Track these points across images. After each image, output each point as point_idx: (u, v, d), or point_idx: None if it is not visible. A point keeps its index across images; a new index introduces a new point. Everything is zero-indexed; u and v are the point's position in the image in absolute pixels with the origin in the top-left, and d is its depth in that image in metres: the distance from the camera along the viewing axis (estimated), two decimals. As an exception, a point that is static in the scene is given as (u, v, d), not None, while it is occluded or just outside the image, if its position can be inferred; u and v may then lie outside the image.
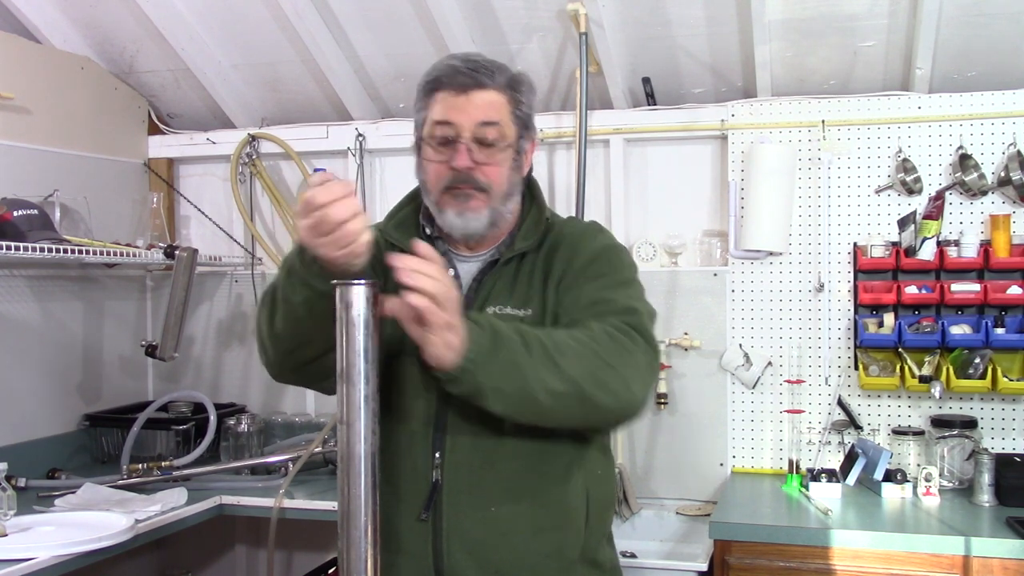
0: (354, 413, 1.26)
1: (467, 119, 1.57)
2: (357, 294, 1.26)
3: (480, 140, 1.57)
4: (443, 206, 1.61)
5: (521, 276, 1.65)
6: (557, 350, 1.44)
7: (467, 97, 1.58)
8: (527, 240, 1.66)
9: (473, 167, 1.58)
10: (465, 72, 1.58)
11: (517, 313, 1.61)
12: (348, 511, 1.26)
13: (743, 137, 2.99)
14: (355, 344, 1.26)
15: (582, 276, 1.63)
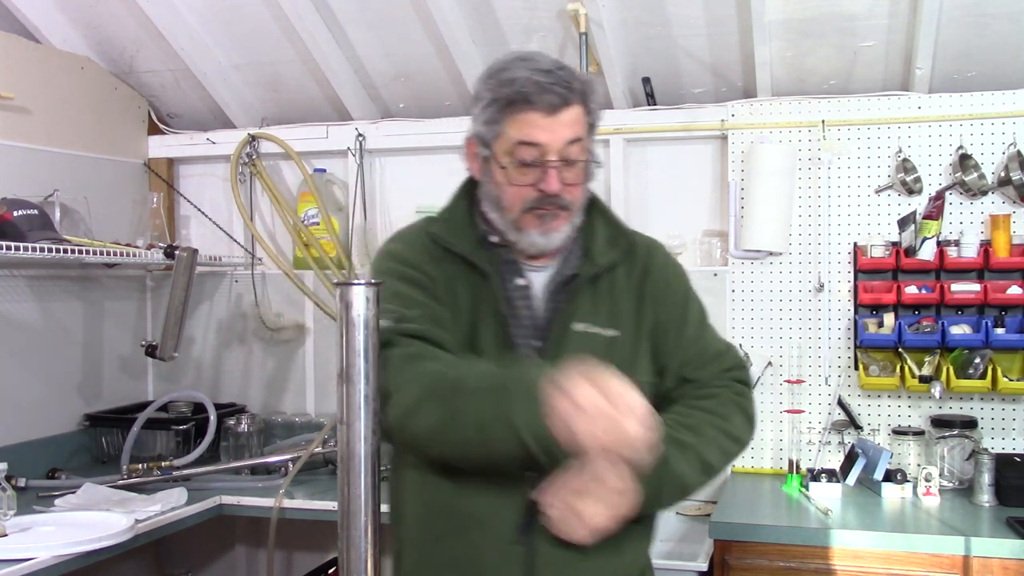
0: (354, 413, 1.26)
1: (556, 140, 1.51)
2: (357, 294, 1.26)
3: (566, 159, 1.52)
4: (525, 226, 1.55)
5: (603, 293, 1.61)
6: (706, 450, 1.54)
7: (555, 117, 1.50)
8: (608, 256, 1.62)
9: (562, 189, 1.53)
10: (551, 90, 1.49)
11: (604, 332, 1.58)
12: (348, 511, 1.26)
13: (743, 137, 2.99)
14: (355, 344, 1.26)
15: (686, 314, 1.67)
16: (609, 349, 1.58)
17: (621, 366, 1.51)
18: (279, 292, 3.48)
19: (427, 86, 3.25)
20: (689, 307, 1.69)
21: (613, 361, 1.51)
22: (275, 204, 3.43)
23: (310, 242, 3.33)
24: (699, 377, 1.65)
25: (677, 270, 1.73)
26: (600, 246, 1.63)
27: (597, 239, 1.64)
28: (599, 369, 1.35)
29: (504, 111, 1.53)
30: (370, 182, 3.39)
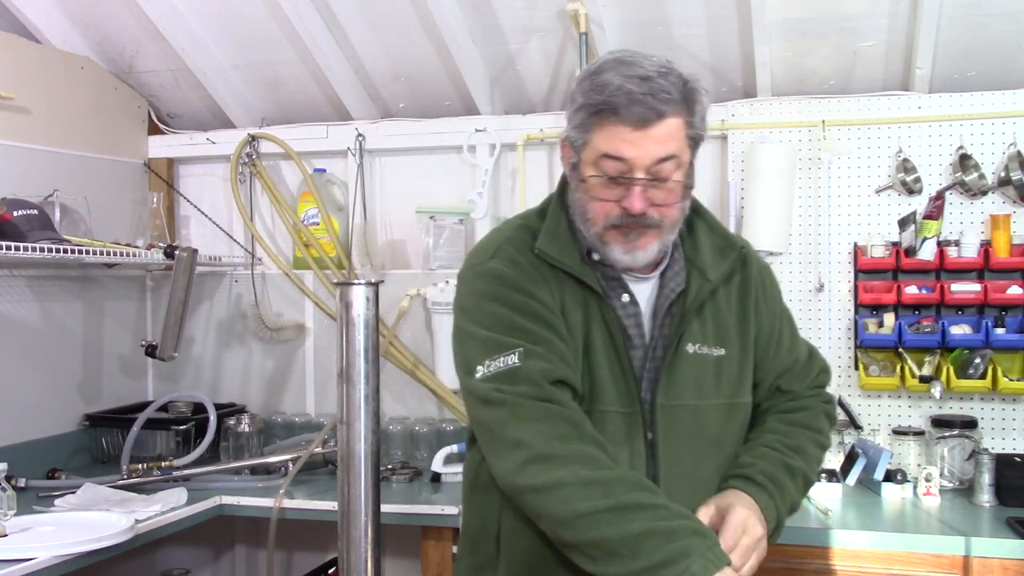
0: (354, 413, 1.26)
1: (644, 156, 1.41)
2: (357, 294, 1.27)
3: (655, 176, 1.42)
4: (609, 241, 1.47)
5: (706, 311, 1.56)
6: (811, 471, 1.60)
7: (645, 132, 1.39)
8: (718, 270, 1.56)
9: (647, 208, 1.44)
10: (643, 101, 1.38)
11: (713, 353, 1.55)
12: (348, 511, 1.27)
13: (743, 137, 2.99)
14: (355, 344, 1.26)
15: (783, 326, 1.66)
16: (719, 369, 1.56)
17: (729, 386, 1.57)
18: (279, 292, 3.48)
19: (427, 86, 3.25)
20: (784, 316, 1.69)
21: (723, 381, 1.55)
22: (275, 204, 3.43)
23: (310, 242, 3.33)
24: (793, 388, 1.67)
25: (771, 276, 1.70)
26: (708, 259, 1.56)
27: (703, 251, 1.56)
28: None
29: (592, 119, 1.43)
30: (370, 182, 3.39)
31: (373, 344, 1.27)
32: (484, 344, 1.46)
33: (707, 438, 1.55)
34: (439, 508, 2.57)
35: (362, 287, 1.27)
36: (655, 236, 1.47)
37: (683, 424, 1.52)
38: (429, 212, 3.20)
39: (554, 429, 1.39)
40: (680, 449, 1.51)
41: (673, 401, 1.51)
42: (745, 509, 1.46)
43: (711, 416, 1.55)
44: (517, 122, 3.19)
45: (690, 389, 1.52)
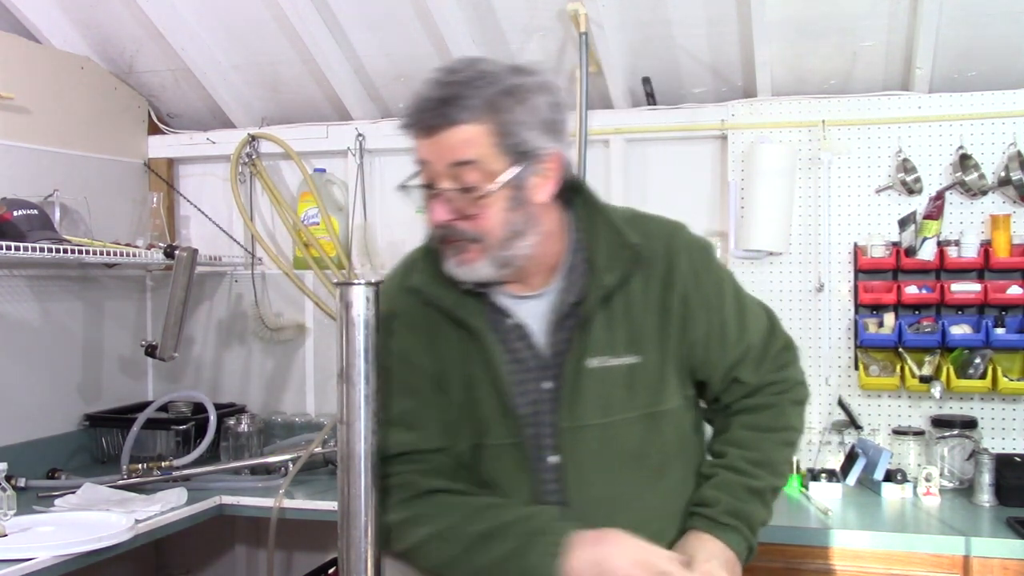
0: (354, 413, 1.26)
1: (436, 161, 1.36)
2: (357, 294, 1.26)
3: (459, 183, 1.36)
4: (445, 255, 1.43)
5: (617, 316, 1.46)
6: (780, 477, 1.56)
7: (435, 138, 1.35)
8: (613, 272, 1.45)
9: (454, 219, 1.38)
10: (432, 108, 1.34)
11: (624, 362, 1.46)
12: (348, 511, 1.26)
13: (743, 137, 2.99)
14: (355, 344, 1.26)
15: (724, 313, 1.53)
16: (631, 379, 1.47)
17: (647, 395, 1.47)
18: (279, 292, 3.48)
19: (427, 86, 3.25)
20: (724, 303, 1.55)
21: (638, 391, 1.47)
22: (275, 204, 3.43)
23: (310, 242, 3.33)
24: (750, 380, 1.57)
25: (705, 260, 1.55)
26: (604, 260, 1.46)
27: (600, 252, 1.47)
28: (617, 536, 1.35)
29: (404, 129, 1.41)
30: (370, 182, 3.39)
31: (373, 344, 1.27)
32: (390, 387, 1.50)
33: (623, 456, 1.46)
34: (439, 508, 2.57)
35: (362, 287, 1.27)
36: (478, 252, 1.39)
37: (590, 445, 1.45)
38: (429, 212, 3.20)
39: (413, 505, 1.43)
40: (590, 471, 1.45)
41: (577, 423, 1.44)
42: (705, 562, 1.41)
43: (625, 432, 1.46)
44: (517, 122, 3.18)
45: (595, 407, 1.44)
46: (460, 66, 1.38)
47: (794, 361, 1.67)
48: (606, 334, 1.45)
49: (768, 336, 1.61)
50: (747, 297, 1.62)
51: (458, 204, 1.37)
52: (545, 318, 1.47)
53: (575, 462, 1.45)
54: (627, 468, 1.48)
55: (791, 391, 1.63)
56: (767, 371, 1.60)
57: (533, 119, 1.36)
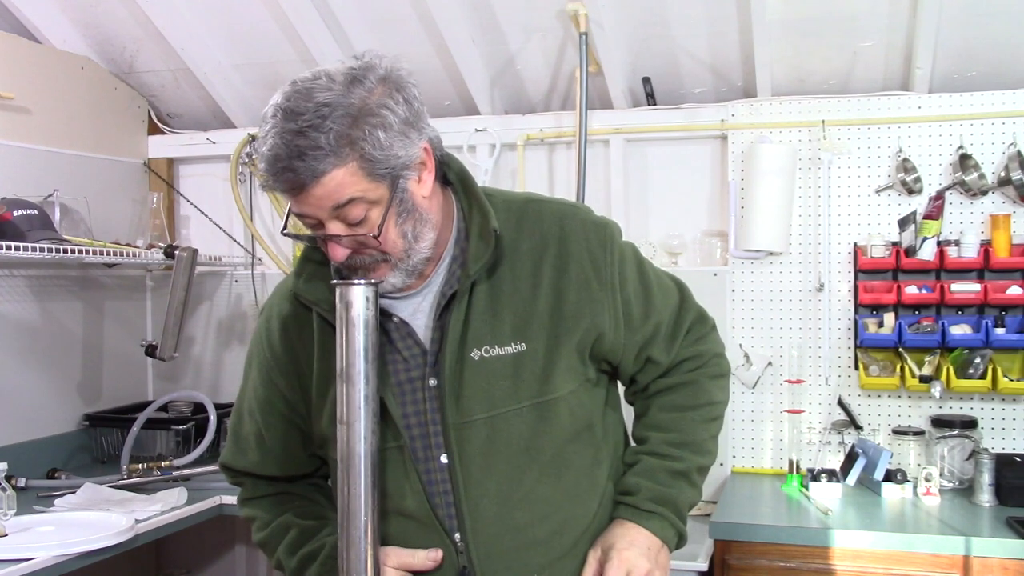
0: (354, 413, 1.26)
1: (318, 211, 1.29)
2: (357, 294, 1.26)
3: (346, 221, 1.30)
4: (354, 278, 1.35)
5: (502, 304, 1.41)
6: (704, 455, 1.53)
7: (306, 194, 1.27)
8: (480, 259, 1.39)
9: (355, 253, 1.33)
10: (290, 167, 1.24)
11: (509, 351, 1.40)
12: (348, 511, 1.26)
13: (743, 137, 2.99)
14: (355, 344, 1.25)
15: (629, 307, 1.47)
16: (518, 367, 1.40)
17: (535, 384, 1.41)
18: (279, 292, 3.48)
19: (427, 86, 3.25)
20: (627, 283, 1.48)
21: (525, 380, 1.40)
22: (275, 204, 3.43)
23: (310, 242, 3.33)
24: (661, 359, 1.51)
25: (602, 241, 1.47)
26: (473, 250, 1.40)
27: (472, 242, 1.40)
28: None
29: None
30: (370, 182, 3.38)
31: (373, 344, 1.27)
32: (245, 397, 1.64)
33: (513, 448, 1.40)
34: (439, 508, 2.57)
35: (362, 287, 1.27)
36: (387, 268, 1.35)
37: (477, 441, 1.39)
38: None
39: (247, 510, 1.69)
40: (480, 468, 1.39)
41: (463, 418, 1.39)
42: (625, 549, 1.40)
43: (513, 424, 1.40)
44: (517, 122, 3.19)
45: (480, 400, 1.38)
46: (296, 106, 1.26)
47: (709, 333, 1.59)
48: (488, 324, 1.40)
49: (678, 311, 1.54)
50: (653, 273, 1.56)
51: (350, 240, 1.32)
52: (429, 314, 1.42)
53: (464, 460, 1.39)
54: (519, 462, 1.41)
55: (707, 365, 1.56)
56: (681, 347, 1.53)
57: (392, 131, 1.30)
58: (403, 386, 1.42)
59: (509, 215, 1.45)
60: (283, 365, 1.49)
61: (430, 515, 1.40)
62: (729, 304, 3.01)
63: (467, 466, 1.39)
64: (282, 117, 1.26)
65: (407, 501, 1.41)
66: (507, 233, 1.43)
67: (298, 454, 1.56)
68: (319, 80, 1.31)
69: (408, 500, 1.41)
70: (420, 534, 1.41)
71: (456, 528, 1.40)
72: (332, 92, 1.29)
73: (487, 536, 1.40)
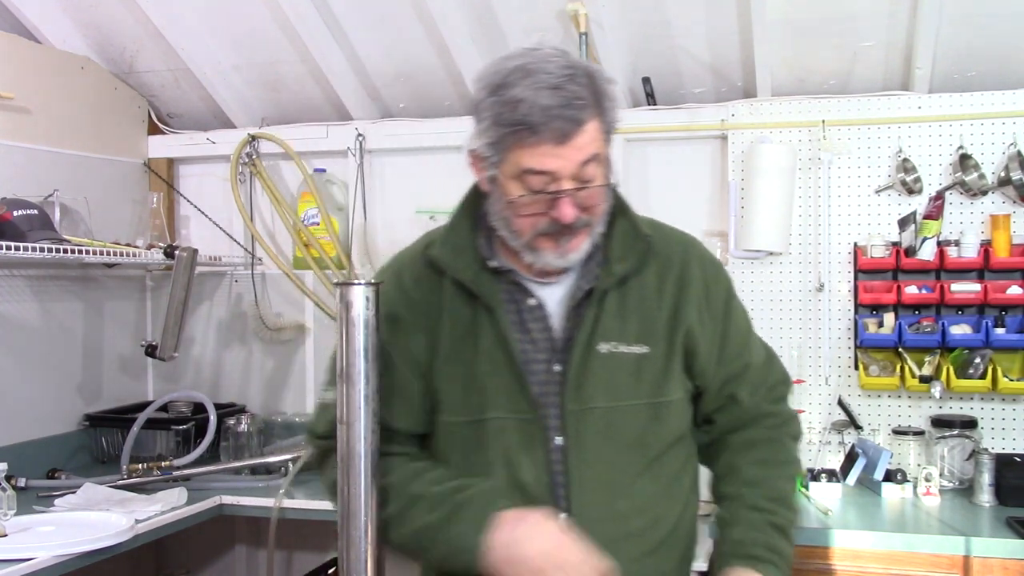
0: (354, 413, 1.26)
1: (569, 165, 1.36)
2: (357, 294, 1.26)
3: (581, 180, 1.39)
4: (539, 247, 1.44)
5: (630, 307, 1.50)
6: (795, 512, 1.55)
7: (568, 144, 1.35)
8: (626, 263, 1.50)
9: (578, 214, 1.41)
10: (562, 115, 1.33)
11: (633, 351, 1.49)
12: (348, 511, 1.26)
13: (743, 137, 2.99)
14: (355, 344, 1.26)
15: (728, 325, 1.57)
16: (639, 367, 1.50)
17: (652, 385, 1.51)
18: (279, 292, 3.48)
19: (427, 86, 3.25)
20: (731, 318, 1.59)
21: (645, 380, 1.50)
22: (275, 204, 3.43)
23: (310, 242, 3.33)
24: (743, 399, 1.58)
25: (717, 274, 1.60)
26: (618, 253, 1.51)
27: (616, 246, 1.51)
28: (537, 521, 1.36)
29: (508, 137, 1.37)
30: (370, 182, 3.39)
31: (373, 344, 1.27)
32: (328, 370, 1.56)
33: (625, 440, 1.49)
34: (439, 508, 2.57)
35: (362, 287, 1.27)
36: (585, 235, 1.46)
37: (594, 427, 1.47)
38: (429, 212, 3.20)
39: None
40: (593, 453, 1.47)
41: (583, 405, 1.47)
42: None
43: (629, 417, 1.49)
44: (517, 122, 3.18)
45: (602, 391, 1.48)
46: (544, 67, 1.36)
47: (789, 396, 1.69)
48: (617, 323, 1.49)
49: (767, 364, 1.64)
50: (750, 325, 1.66)
51: (580, 199, 1.40)
52: (562, 304, 1.51)
53: (578, 444, 1.47)
54: (628, 453, 1.50)
55: (788, 425, 1.64)
56: (764, 399, 1.61)
57: (613, 100, 1.43)
58: (528, 366, 1.49)
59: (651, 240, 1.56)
60: (416, 319, 1.52)
61: (545, 490, 1.46)
62: (729, 304, 3.00)
63: (581, 451, 1.46)
64: (532, 76, 1.35)
65: (525, 473, 1.46)
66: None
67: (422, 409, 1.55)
68: (539, 50, 1.41)
69: (526, 472, 1.46)
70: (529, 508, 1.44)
71: (563, 508, 1.46)
72: (564, 58, 1.39)
73: (590, 520, 1.45)
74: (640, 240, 1.53)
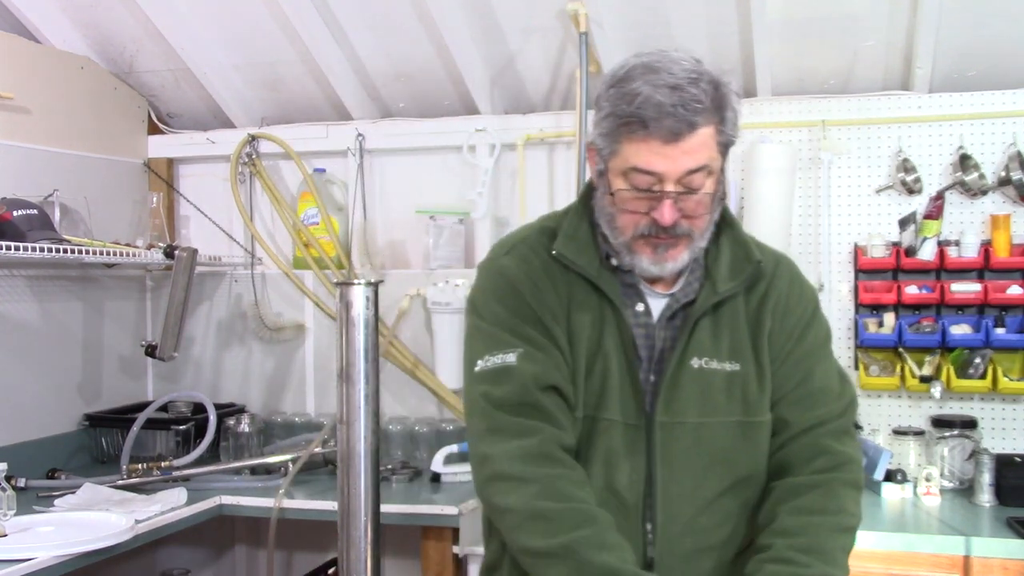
0: (354, 413, 1.26)
1: (675, 169, 1.36)
2: (357, 294, 1.26)
3: (686, 187, 1.38)
4: (637, 251, 1.44)
5: (723, 323, 1.50)
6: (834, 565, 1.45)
7: (676, 145, 1.35)
8: (732, 283, 1.49)
9: (678, 219, 1.40)
10: (673, 114, 1.33)
11: (724, 367, 1.48)
12: (348, 511, 1.27)
13: (743, 137, 2.98)
14: (355, 344, 1.26)
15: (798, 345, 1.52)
16: (731, 385, 1.48)
17: (744, 403, 1.49)
18: (279, 292, 3.48)
19: (427, 86, 3.25)
20: (806, 335, 1.54)
21: (736, 398, 1.48)
22: (275, 204, 3.43)
23: (310, 242, 3.33)
24: (793, 419, 1.51)
25: (802, 292, 1.57)
26: (724, 271, 1.50)
27: (721, 263, 1.51)
28: None
29: (620, 130, 1.37)
30: (370, 182, 3.39)
31: (373, 344, 1.27)
32: (486, 339, 1.49)
33: (712, 457, 1.47)
34: (439, 508, 2.56)
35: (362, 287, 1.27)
36: (685, 246, 1.44)
37: (682, 442, 1.46)
38: (429, 212, 3.20)
39: (522, 448, 1.40)
40: (679, 468, 1.46)
41: (673, 418, 1.46)
42: None
43: (718, 434, 1.48)
44: (517, 122, 3.19)
45: (692, 405, 1.47)
46: (668, 67, 1.36)
47: (852, 440, 1.56)
48: (711, 339, 1.48)
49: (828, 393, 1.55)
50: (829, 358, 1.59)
51: (681, 204, 1.39)
52: (662, 314, 1.51)
53: (666, 457, 1.46)
54: (715, 471, 1.48)
55: (843, 468, 1.50)
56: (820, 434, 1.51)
57: (736, 114, 1.42)
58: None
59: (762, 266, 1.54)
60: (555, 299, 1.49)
61: (639, 497, 1.45)
62: (729, 304, 3.00)
63: (668, 464, 1.45)
64: (651, 72, 1.35)
65: (621, 478, 1.45)
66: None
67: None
68: (671, 52, 1.40)
69: (622, 477, 1.45)
70: (619, 514, 1.44)
71: (648, 518, 1.46)
72: (693, 63, 1.38)
73: (673, 533, 1.45)
74: (750, 264, 1.51)
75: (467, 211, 3.17)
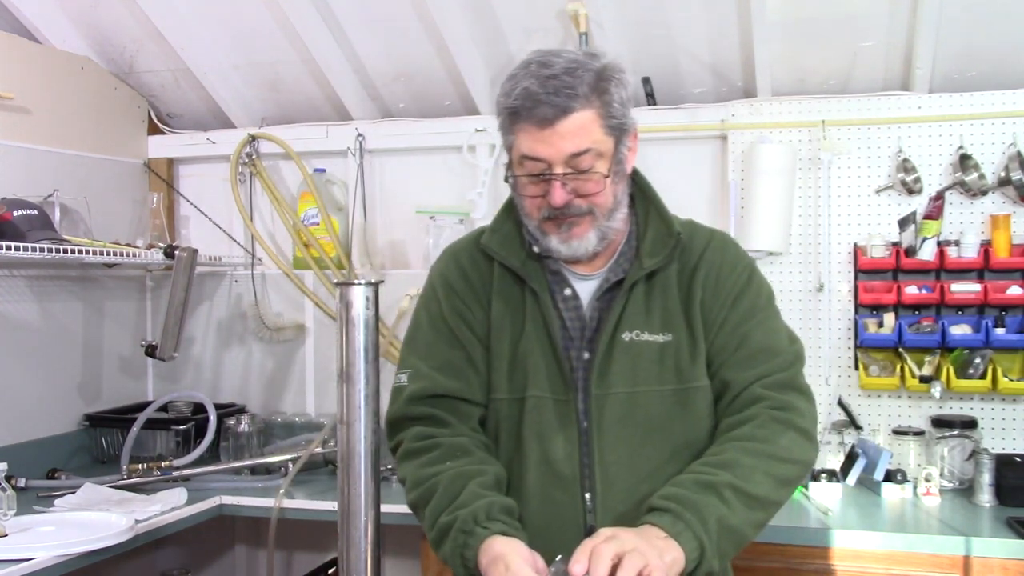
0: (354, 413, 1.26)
1: (556, 153, 1.46)
2: (357, 294, 1.26)
3: (575, 168, 1.47)
4: (546, 232, 1.54)
5: (654, 297, 1.57)
6: (747, 482, 1.43)
7: (552, 130, 1.44)
8: (655, 257, 1.57)
9: (571, 200, 1.49)
10: (545, 100, 1.43)
11: (656, 339, 1.55)
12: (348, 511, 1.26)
13: (743, 137, 2.99)
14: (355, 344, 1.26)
15: (732, 311, 1.57)
16: (663, 355, 1.55)
17: (677, 372, 1.55)
18: (279, 292, 3.48)
19: (427, 86, 3.25)
20: (740, 301, 1.59)
21: (669, 367, 1.55)
22: (275, 204, 3.43)
23: (310, 242, 3.33)
24: (733, 379, 1.55)
25: (736, 262, 1.62)
26: (649, 247, 1.58)
27: (647, 241, 1.59)
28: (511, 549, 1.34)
29: (507, 122, 1.50)
30: (370, 182, 3.39)
31: (373, 344, 1.27)
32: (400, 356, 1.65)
33: (648, 426, 1.54)
34: (439, 508, 2.57)
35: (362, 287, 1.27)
36: (589, 224, 1.52)
37: (615, 412, 1.53)
38: (429, 212, 3.20)
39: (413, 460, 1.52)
40: (615, 437, 1.53)
41: (607, 391, 1.54)
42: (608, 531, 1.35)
43: (652, 402, 1.54)
44: (517, 122, 3.18)
45: (625, 377, 1.54)
46: (549, 60, 1.47)
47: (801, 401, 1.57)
48: (643, 313, 1.56)
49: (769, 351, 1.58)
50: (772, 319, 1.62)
51: (574, 185, 1.48)
52: (593, 295, 1.59)
53: (601, 428, 1.53)
54: (651, 439, 1.54)
55: (784, 410, 1.53)
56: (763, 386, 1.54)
57: (626, 93, 1.50)
58: (564, 352, 1.57)
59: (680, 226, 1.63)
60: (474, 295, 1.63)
61: (575, 468, 1.52)
62: (729, 304, 3.00)
63: (604, 434, 1.53)
64: (536, 66, 1.47)
65: (557, 451, 1.53)
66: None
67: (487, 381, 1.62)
68: (562, 49, 1.51)
69: (558, 450, 1.53)
70: (557, 486, 1.52)
71: (587, 488, 1.52)
72: (579, 56, 1.49)
73: (614, 501, 1.51)
74: (671, 237, 1.59)
75: (467, 211, 3.17)
